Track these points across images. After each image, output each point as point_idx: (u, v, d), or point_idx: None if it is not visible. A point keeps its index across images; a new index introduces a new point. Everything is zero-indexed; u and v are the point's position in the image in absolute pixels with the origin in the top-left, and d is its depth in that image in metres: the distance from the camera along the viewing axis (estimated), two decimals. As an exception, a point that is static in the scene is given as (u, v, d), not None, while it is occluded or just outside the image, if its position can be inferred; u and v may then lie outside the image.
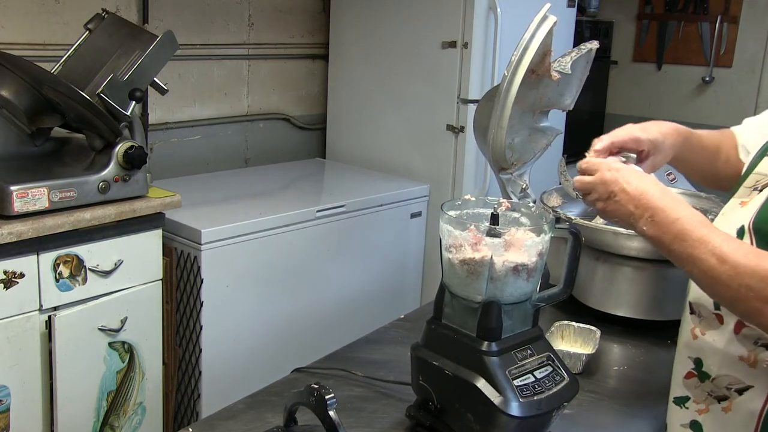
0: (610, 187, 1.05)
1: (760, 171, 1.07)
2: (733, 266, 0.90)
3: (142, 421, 2.20)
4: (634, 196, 1.02)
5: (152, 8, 2.72)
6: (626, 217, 1.04)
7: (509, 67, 1.38)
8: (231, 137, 3.17)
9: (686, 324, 1.10)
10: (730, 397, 1.02)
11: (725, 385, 1.03)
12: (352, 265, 2.75)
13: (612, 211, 1.06)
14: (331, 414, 0.88)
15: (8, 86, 2.04)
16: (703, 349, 1.06)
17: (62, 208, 1.92)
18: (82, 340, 1.99)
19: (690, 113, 4.31)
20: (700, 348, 1.06)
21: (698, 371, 1.07)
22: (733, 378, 1.02)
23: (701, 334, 1.06)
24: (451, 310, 1.11)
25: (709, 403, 1.06)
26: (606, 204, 1.07)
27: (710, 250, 0.93)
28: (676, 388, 1.12)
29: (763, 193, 1.02)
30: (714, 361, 1.04)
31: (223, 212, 2.46)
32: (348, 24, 3.26)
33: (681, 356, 1.11)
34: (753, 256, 0.91)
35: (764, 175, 1.05)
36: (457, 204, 1.15)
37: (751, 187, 1.06)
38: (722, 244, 0.93)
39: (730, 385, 1.02)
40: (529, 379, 1.05)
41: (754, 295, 0.89)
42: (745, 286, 0.89)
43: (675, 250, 0.97)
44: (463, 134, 2.93)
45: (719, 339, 1.03)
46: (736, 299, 0.92)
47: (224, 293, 2.35)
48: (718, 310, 1.04)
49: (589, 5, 4.32)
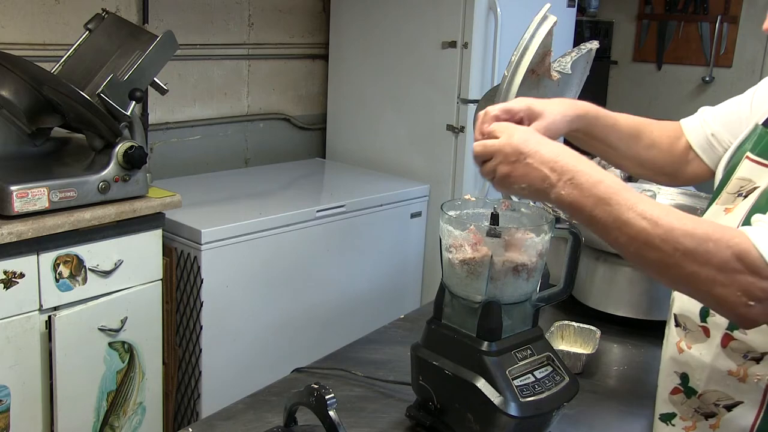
0: (520, 148, 0.93)
1: (742, 176, 1.02)
2: (668, 229, 0.83)
3: (142, 421, 2.20)
4: (550, 159, 0.91)
5: (152, 8, 2.72)
6: (539, 181, 0.92)
7: (509, 67, 1.38)
8: (231, 137, 3.17)
9: (671, 337, 1.07)
10: (718, 413, 0.99)
11: (713, 401, 1.00)
12: (352, 265, 2.75)
13: (520, 175, 0.94)
14: (331, 414, 0.88)
15: (8, 86, 2.04)
16: (689, 363, 1.03)
17: (62, 208, 1.92)
18: (82, 340, 1.99)
19: (690, 113, 4.30)
20: (686, 362, 1.03)
21: (684, 386, 1.04)
22: (722, 393, 0.99)
23: (687, 348, 1.03)
24: (451, 310, 1.11)
25: (696, 420, 1.03)
26: (513, 167, 0.94)
27: (640, 213, 0.84)
28: (661, 404, 1.09)
29: (748, 200, 0.98)
30: (701, 376, 1.01)
31: (223, 212, 2.46)
32: (348, 24, 3.26)
33: (666, 371, 1.08)
34: (687, 219, 0.84)
35: (747, 180, 1.00)
36: (457, 204, 1.16)
37: (735, 193, 1.02)
38: (652, 207, 0.85)
39: (718, 401, 0.99)
40: (529, 379, 1.05)
41: (690, 257, 0.82)
42: (682, 248, 0.82)
43: (598, 215, 0.87)
44: (463, 134, 2.93)
45: (706, 353, 1.00)
46: (668, 264, 0.83)
47: (224, 293, 2.35)
48: (704, 322, 1.01)
49: (589, 5, 4.32)
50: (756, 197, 0.96)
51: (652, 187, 1.75)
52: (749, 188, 1.00)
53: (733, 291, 0.81)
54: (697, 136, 1.24)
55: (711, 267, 0.81)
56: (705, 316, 1.01)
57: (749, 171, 1.01)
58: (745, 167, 1.02)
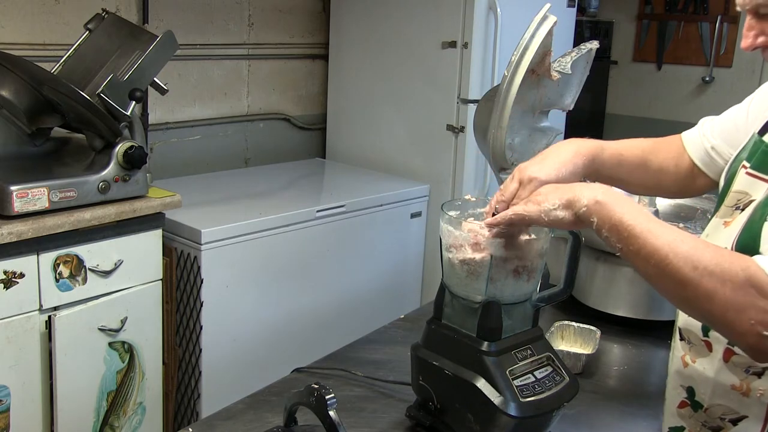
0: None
1: (738, 189, 1.02)
2: (692, 245, 0.85)
3: (142, 421, 2.20)
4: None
5: (152, 8, 2.72)
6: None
7: (509, 67, 1.38)
8: (231, 137, 3.17)
9: (676, 351, 1.08)
10: (725, 427, 0.99)
11: (719, 415, 1.00)
12: (352, 265, 2.75)
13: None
14: (331, 414, 0.88)
15: (8, 86, 2.04)
16: (694, 377, 1.03)
17: (62, 208, 1.92)
18: (82, 340, 1.99)
19: (690, 113, 4.31)
20: (691, 376, 1.04)
21: (691, 400, 1.04)
22: (726, 408, 0.99)
23: (692, 362, 1.03)
24: (451, 310, 1.11)
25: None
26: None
27: (667, 241, 0.86)
28: (669, 417, 1.09)
29: (744, 213, 0.98)
30: (706, 390, 1.01)
31: (223, 212, 2.46)
32: (348, 24, 3.26)
33: (673, 384, 1.08)
34: (704, 242, 0.88)
35: (744, 194, 1.01)
36: (457, 204, 1.16)
37: (733, 207, 1.02)
38: (675, 232, 0.88)
39: (723, 415, 0.99)
40: (529, 379, 1.05)
41: (708, 273, 0.83)
42: (701, 265, 0.83)
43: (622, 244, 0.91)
44: (463, 134, 2.93)
45: (709, 367, 1.00)
46: (686, 281, 0.84)
47: (224, 293, 2.35)
48: (706, 336, 1.01)
49: (589, 5, 4.32)
50: (751, 211, 0.97)
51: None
52: (746, 201, 1.00)
53: (746, 318, 0.82)
54: (697, 151, 1.23)
55: (727, 287, 0.82)
56: (707, 331, 1.01)
57: (745, 184, 1.01)
58: (741, 180, 1.02)
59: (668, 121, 4.38)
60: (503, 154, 1.53)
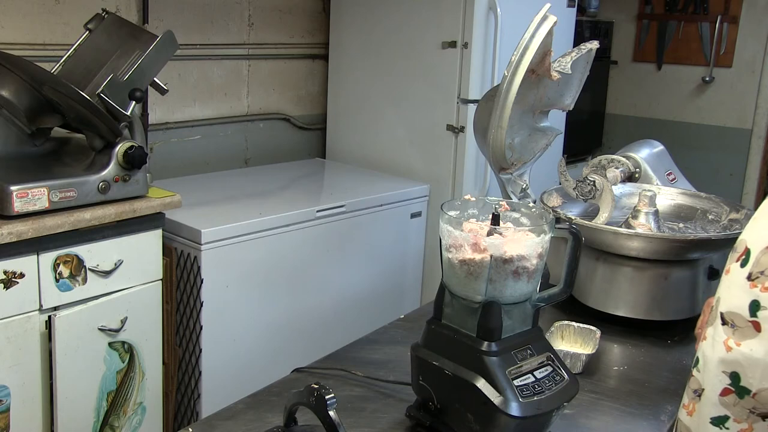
0: None
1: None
2: None
3: (142, 421, 2.20)
4: None
5: (152, 8, 2.72)
6: None
7: (509, 67, 1.38)
8: (231, 137, 3.17)
9: (718, 336, 1.02)
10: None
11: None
12: (352, 265, 2.75)
13: None
14: (331, 414, 0.88)
15: (8, 86, 2.04)
16: (740, 361, 0.98)
17: (62, 208, 1.92)
18: (82, 340, 1.99)
19: (690, 113, 4.31)
20: (736, 361, 0.99)
21: (735, 386, 0.99)
22: None
23: (736, 345, 0.99)
24: (451, 310, 1.11)
25: (752, 421, 0.98)
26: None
27: None
28: (711, 408, 1.03)
29: None
30: (754, 374, 0.96)
31: (223, 212, 2.46)
32: (348, 24, 3.26)
33: (713, 372, 1.03)
34: None
35: None
36: (457, 204, 1.15)
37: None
38: None
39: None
40: (529, 379, 1.05)
41: None
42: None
43: None
44: (463, 134, 2.93)
45: (758, 348, 0.96)
46: None
47: (224, 293, 2.35)
48: (754, 316, 0.97)
49: (589, 5, 4.32)
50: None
51: (652, 187, 1.75)
52: None
53: None
54: None
55: None
56: (755, 310, 0.97)
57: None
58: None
59: (668, 121, 4.39)
60: (503, 154, 1.53)
